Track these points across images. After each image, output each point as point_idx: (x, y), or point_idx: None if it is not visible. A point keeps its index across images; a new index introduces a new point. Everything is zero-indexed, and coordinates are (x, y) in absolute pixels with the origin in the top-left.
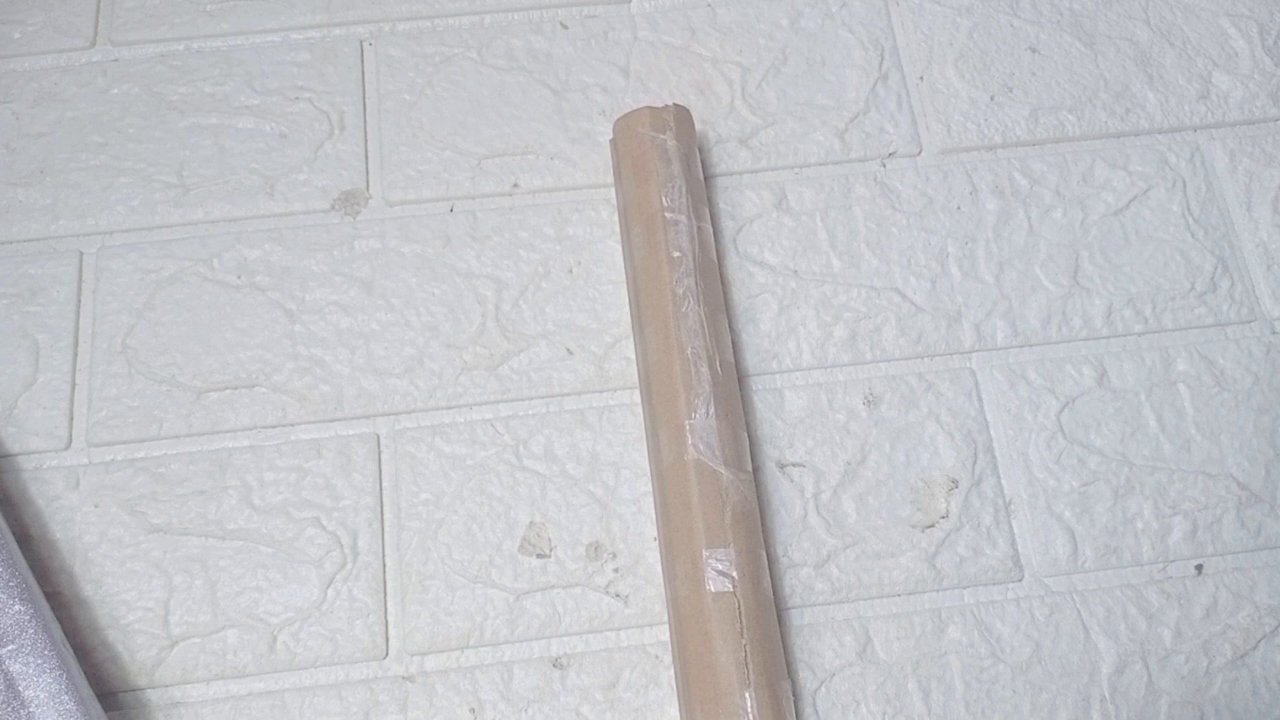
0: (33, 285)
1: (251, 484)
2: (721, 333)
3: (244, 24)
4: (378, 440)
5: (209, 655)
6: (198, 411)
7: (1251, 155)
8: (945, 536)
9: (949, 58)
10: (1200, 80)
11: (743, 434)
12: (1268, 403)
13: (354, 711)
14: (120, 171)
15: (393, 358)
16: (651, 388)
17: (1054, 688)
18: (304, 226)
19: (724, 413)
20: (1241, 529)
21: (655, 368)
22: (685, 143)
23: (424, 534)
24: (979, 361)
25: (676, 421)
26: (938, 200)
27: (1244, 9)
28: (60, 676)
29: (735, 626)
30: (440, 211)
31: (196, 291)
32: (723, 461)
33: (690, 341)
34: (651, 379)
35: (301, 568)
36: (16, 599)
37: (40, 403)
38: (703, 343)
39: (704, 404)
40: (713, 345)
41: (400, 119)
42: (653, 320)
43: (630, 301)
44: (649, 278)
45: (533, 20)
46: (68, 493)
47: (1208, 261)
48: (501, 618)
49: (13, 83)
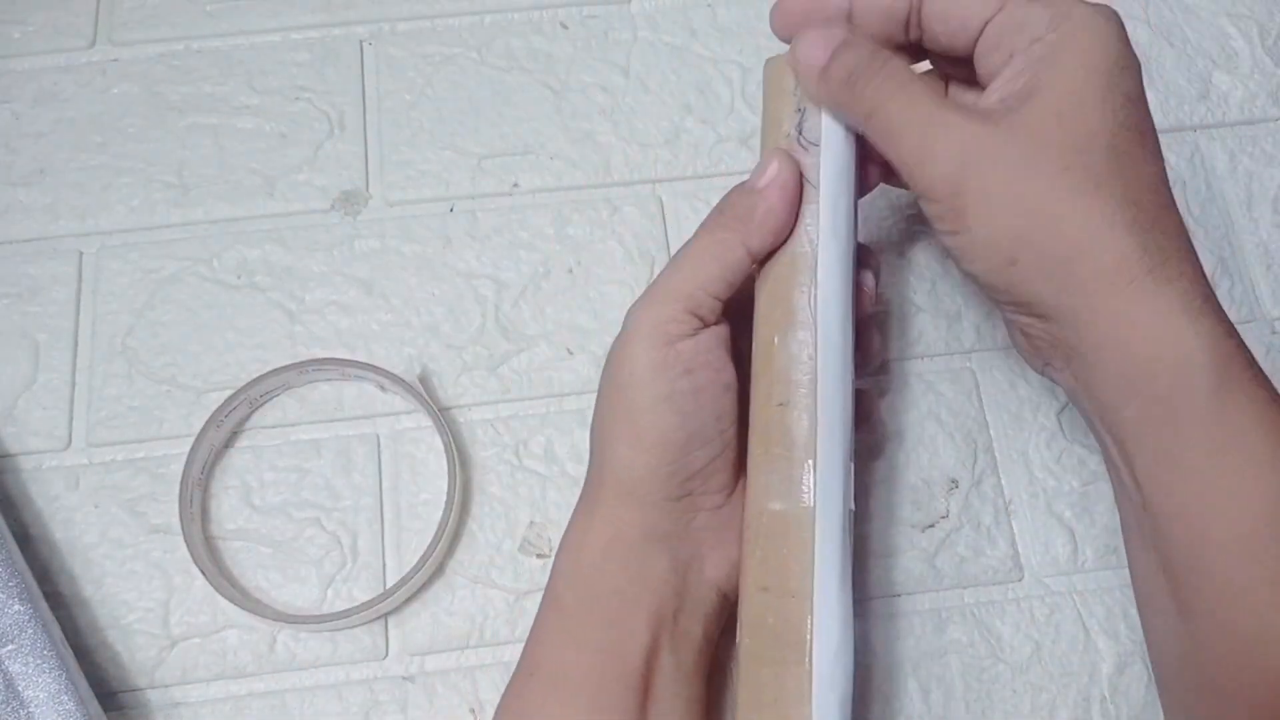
0: (32, 285)
1: (251, 484)
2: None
3: (244, 24)
4: (378, 440)
5: (209, 655)
6: (198, 412)
7: (1251, 155)
8: (945, 536)
9: None
10: (1200, 80)
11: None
12: None
13: (354, 711)
14: (120, 171)
15: (392, 358)
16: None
17: (1054, 687)
18: (304, 226)
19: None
20: None
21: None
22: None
23: (424, 534)
24: (979, 361)
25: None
26: None
27: (1244, 9)
28: (60, 676)
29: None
30: (440, 211)
31: (196, 291)
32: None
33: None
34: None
35: (301, 568)
36: (16, 599)
37: (40, 403)
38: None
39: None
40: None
41: (400, 119)
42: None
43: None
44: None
45: (533, 20)
46: (68, 493)
47: (1208, 261)
48: (501, 618)
49: (13, 83)
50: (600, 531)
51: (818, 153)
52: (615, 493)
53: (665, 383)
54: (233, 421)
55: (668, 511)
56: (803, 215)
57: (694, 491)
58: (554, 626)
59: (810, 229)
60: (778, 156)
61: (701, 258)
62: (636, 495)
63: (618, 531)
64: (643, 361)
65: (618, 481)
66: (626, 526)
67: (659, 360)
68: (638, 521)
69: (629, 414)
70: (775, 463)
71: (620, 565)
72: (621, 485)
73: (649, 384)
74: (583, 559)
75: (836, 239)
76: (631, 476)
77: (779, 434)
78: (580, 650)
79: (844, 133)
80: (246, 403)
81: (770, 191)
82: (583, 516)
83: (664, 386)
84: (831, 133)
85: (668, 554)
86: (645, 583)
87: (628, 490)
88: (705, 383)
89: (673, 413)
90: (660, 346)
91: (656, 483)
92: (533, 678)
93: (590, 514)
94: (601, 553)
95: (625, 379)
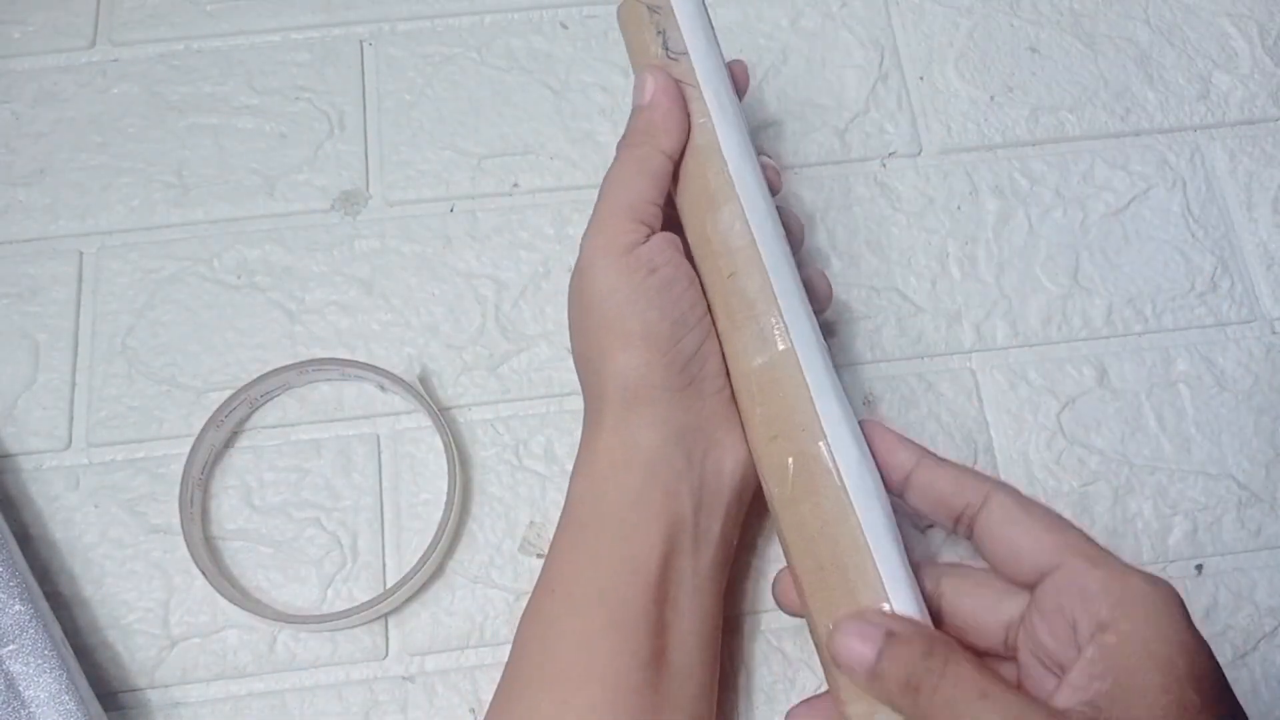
0: (32, 285)
1: (251, 484)
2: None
3: (244, 24)
4: (377, 440)
5: (209, 655)
6: (198, 411)
7: (1251, 155)
8: (946, 537)
9: (949, 58)
10: (1200, 80)
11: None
12: (1268, 403)
13: (354, 711)
14: (120, 171)
15: (392, 358)
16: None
17: None
18: (304, 226)
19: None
20: (1241, 529)
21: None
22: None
23: (424, 534)
24: (979, 361)
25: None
26: (938, 200)
27: (1244, 9)
28: (60, 676)
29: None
30: (440, 211)
31: (196, 291)
32: None
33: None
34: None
35: (301, 568)
36: (16, 599)
37: (40, 403)
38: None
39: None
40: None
41: (400, 119)
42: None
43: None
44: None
45: (533, 20)
46: (68, 493)
47: (1208, 261)
48: (501, 618)
49: (13, 83)
50: (610, 443)
51: (687, 59)
52: (619, 400)
53: (636, 284)
54: (233, 421)
55: (675, 403)
56: (693, 115)
57: (694, 377)
58: (570, 544)
59: (704, 123)
60: (649, 71)
61: (628, 175)
62: (641, 395)
63: (629, 437)
64: (609, 273)
65: (620, 389)
66: (638, 429)
67: (623, 266)
68: (648, 420)
69: (610, 323)
70: (742, 327)
71: (636, 473)
72: (625, 391)
73: (620, 289)
74: (596, 473)
75: (728, 120)
76: (633, 378)
77: (737, 301)
78: (596, 564)
79: (705, 34)
80: (246, 403)
81: (658, 99)
82: (590, 436)
83: (636, 286)
84: (694, 36)
85: (682, 450)
86: (662, 485)
87: (632, 394)
88: (670, 279)
89: (650, 308)
90: (620, 255)
91: (656, 375)
92: (551, 595)
93: (597, 430)
94: (615, 465)
95: (597, 294)
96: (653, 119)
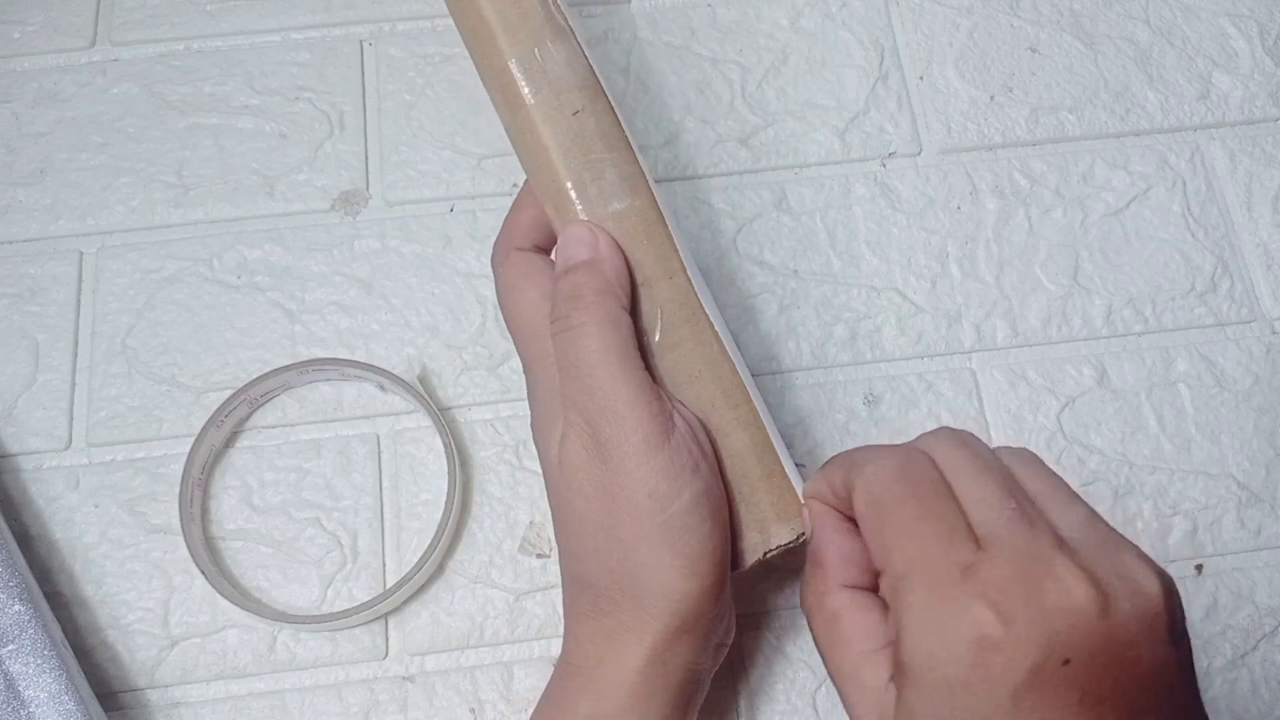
0: (33, 285)
1: (251, 484)
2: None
3: (244, 24)
4: (377, 440)
5: (209, 655)
6: (198, 412)
7: (1251, 155)
8: None
9: (949, 58)
10: (1200, 80)
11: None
12: (1268, 403)
13: (354, 711)
14: (120, 171)
15: (392, 358)
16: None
17: None
18: (304, 226)
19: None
20: (1241, 529)
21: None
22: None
23: (424, 534)
24: (979, 361)
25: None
26: (938, 200)
27: (1244, 9)
28: (60, 676)
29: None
30: (440, 211)
31: (196, 291)
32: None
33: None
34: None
35: (301, 568)
36: (16, 599)
37: (40, 403)
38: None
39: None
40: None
41: (400, 119)
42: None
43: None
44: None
45: None
46: (68, 493)
47: (1208, 261)
48: (501, 618)
49: (13, 83)
50: (640, 664)
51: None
52: (667, 629)
53: (682, 486)
54: (233, 421)
55: (716, 627)
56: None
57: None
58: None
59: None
60: (582, 225)
61: (618, 344)
62: (697, 630)
63: (671, 660)
64: (652, 476)
65: (673, 616)
66: (681, 653)
67: (666, 464)
68: (692, 648)
69: (665, 535)
70: (583, 174)
71: (663, 701)
72: (680, 622)
73: (664, 490)
74: (615, 698)
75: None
76: (688, 610)
77: (582, 144)
78: None
79: None
80: (246, 403)
81: (605, 252)
82: (611, 650)
83: (682, 488)
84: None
85: (711, 652)
86: (688, 704)
87: (687, 627)
88: (710, 474)
89: (704, 520)
90: (659, 449)
91: (707, 604)
92: None
93: (622, 646)
94: (653, 688)
95: (638, 497)
96: (604, 274)
